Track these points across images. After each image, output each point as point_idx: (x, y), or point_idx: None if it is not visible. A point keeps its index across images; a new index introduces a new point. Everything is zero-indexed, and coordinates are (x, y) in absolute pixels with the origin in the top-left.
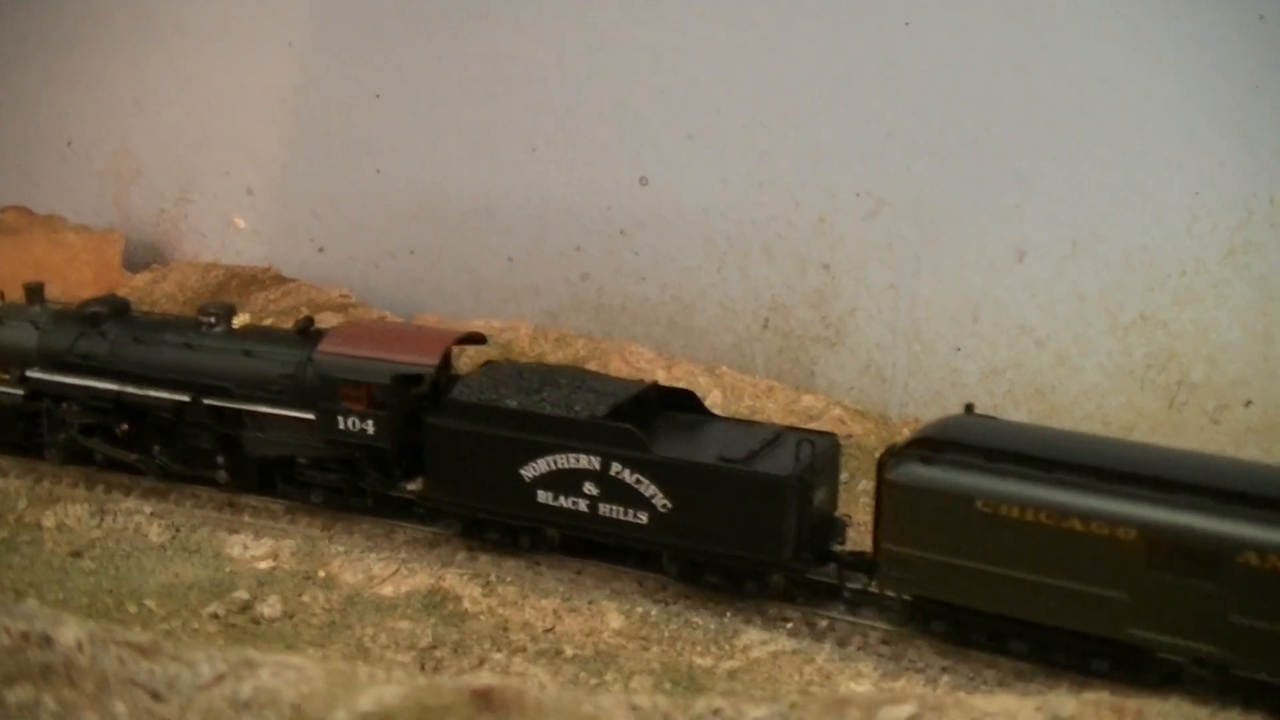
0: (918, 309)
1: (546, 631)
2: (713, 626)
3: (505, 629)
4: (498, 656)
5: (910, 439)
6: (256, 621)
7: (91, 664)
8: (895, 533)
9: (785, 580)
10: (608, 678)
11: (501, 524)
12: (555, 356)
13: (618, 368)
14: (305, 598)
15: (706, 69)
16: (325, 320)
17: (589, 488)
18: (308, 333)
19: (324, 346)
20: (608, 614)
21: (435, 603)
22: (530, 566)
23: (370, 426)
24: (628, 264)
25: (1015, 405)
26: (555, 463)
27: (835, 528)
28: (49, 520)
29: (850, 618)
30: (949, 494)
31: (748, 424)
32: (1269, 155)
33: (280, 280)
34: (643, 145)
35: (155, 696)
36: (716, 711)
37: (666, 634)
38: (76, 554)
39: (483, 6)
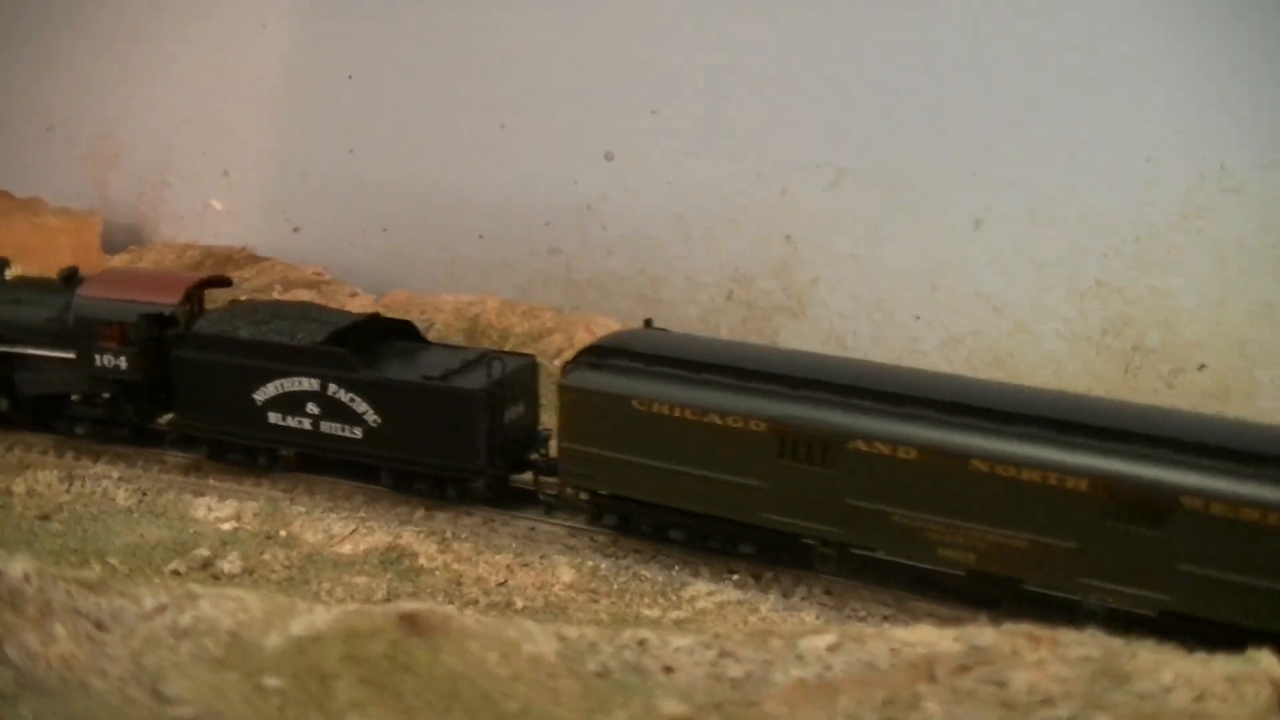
0: (878, 278)
1: (499, 585)
2: (660, 579)
3: (459, 583)
4: (450, 609)
5: (584, 347)
6: (216, 577)
7: (38, 594)
8: (570, 433)
9: (485, 486)
10: None
11: (242, 446)
12: (522, 329)
13: (582, 340)
14: (265, 555)
15: (670, 45)
16: (297, 297)
17: (311, 407)
18: (70, 280)
19: (81, 291)
20: (559, 568)
21: (392, 559)
22: (486, 523)
23: (123, 363)
24: (595, 238)
25: (974, 372)
26: (282, 386)
27: (535, 439)
28: (19, 487)
29: (553, 520)
30: (610, 395)
31: (457, 349)
32: (1220, 120)
33: (255, 259)
34: (608, 121)
35: (99, 626)
36: (642, 642)
37: (615, 587)
38: (45, 517)
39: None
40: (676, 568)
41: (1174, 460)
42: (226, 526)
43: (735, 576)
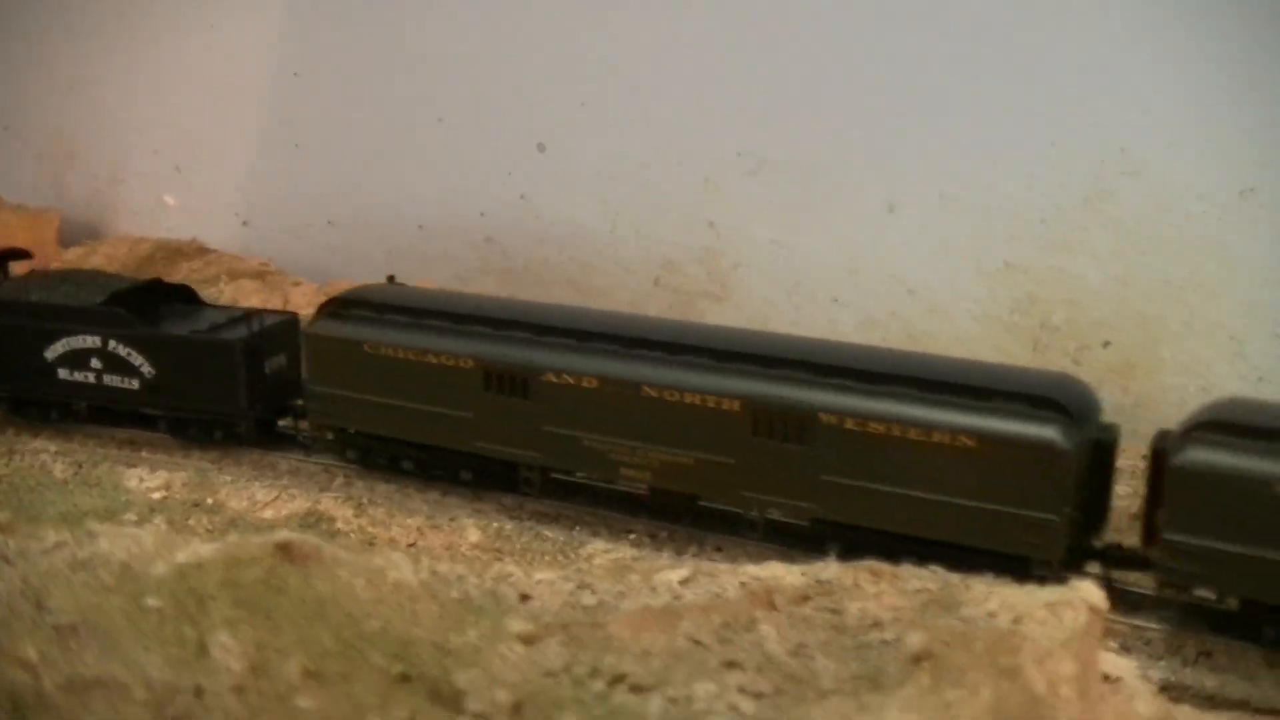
0: (798, 262)
1: (409, 546)
2: (561, 539)
3: (372, 544)
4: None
5: (327, 299)
6: None
7: None
8: (315, 377)
9: (248, 429)
10: None
11: (39, 401)
12: None
13: None
14: (191, 521)
15: (598, 39)
16: (242, 287)
17: (95, 362)
18: None
19: None
20: (467, 529)
21: (311, 523)
22: (400, 490)
23: None
24: (529, 227)
25: None
26: (69, 344)
27: (296, 387)
28: None
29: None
30: (346, 341)
31: (227, 309)
32: (1120, 104)
33: (204, 251)
34: (540, 114)
35: (5, 560)
36: (507, 575)
37: (519, 546)
38: None
39: None
40: (577, 528)
41: (812, 382)
42: (156, 495)
43: (632, 535)
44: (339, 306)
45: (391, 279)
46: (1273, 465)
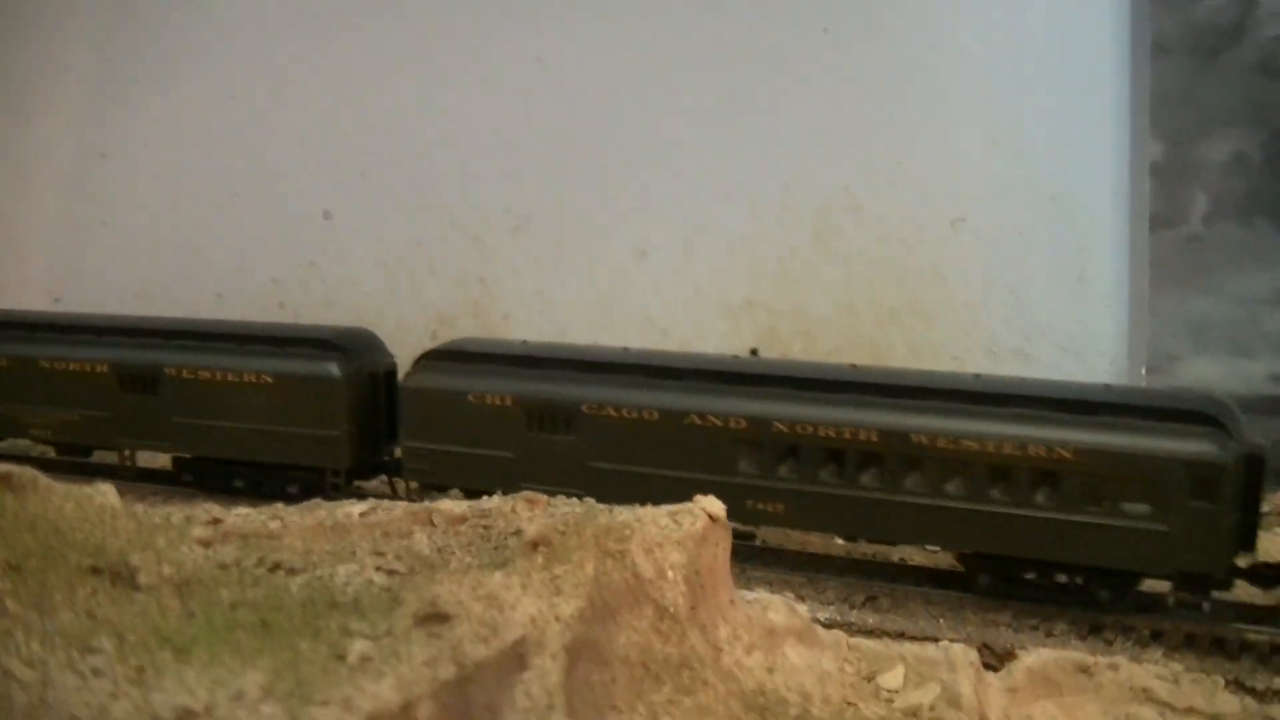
0: (560, 310)
1: None
2: None
3: None
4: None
5: None
6: None
7: None
8: None
9: None
10: None
11: None
12: None
13: None
14: None
15: (375, 111)
16: None
17: None
18: None
19: None
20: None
21: None
22: None
23: None
24: (317, 292)
25: None
26: None
27: None
28: None
29: None
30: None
31: None
32: (840, 150)
33: None
34: (326, 183)
35: None
36: (207, 508)
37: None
38: None
39: (182, 71)
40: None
41: (160, 345)
42: None
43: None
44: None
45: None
46: (467, 382)
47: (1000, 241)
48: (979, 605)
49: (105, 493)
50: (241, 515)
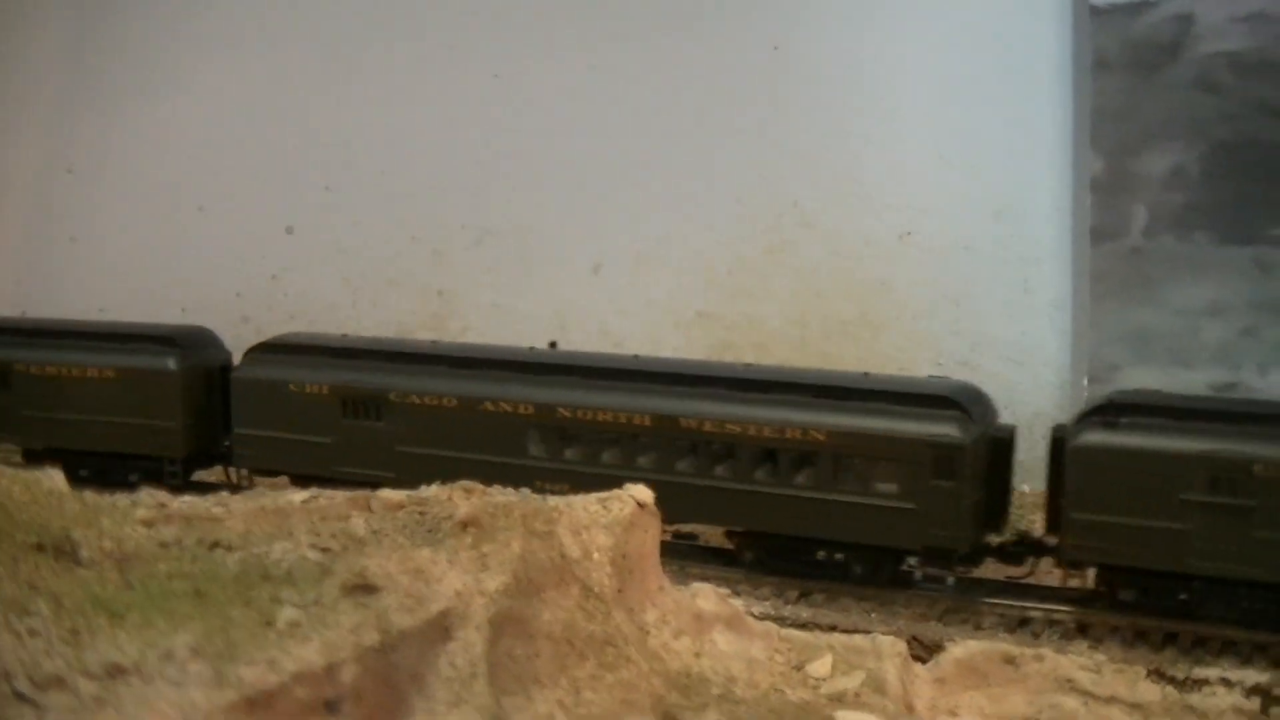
0: (518, 322)
1: None
2: None
3: None
4: None
5: None
6: None
7: None
8: None
9: None
10: None
11: None
12: None
13: None
14: None
15: (338, 126)
16: None
17: None
18: None
19: None
20: None
21: None
22: None
23: None
24: (280, 305)
25: None
26: None
27: None
28: None
29: None
30: None
31: None
32: (791, 164)
33: None
34: (289, 198)
35: None
36: (154, 492)
37: None
38: None
39: (148, 87)
40: None
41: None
42: None
43: None
44: None
45: None
46: (288, 373)
47: (947, 254)
48: (911, 600)
49: (53, 477)
50: (187, 501)
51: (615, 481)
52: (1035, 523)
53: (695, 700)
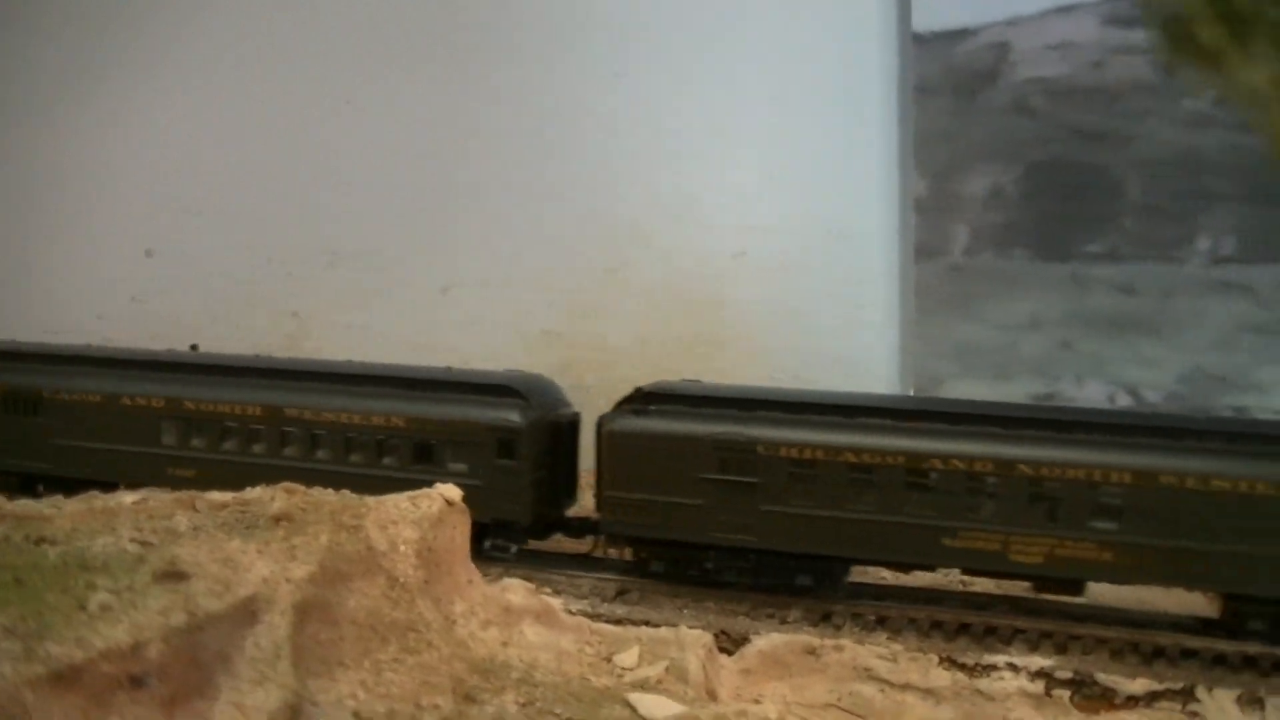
0: (370, 342)
1: None
2: None
3: None
4: None
5: None
6: None
7: None
8: None
9: None
10: None
11: None
12: None
13: None
14: None
15: (196, 149)
16: None
17: None
18: None
19: None
20: None
21: None
22: None
23: None
24: (141, 327)
25: None
26: None
27: None
28: None
29: None
30: None
31: None
32: (630, 186)
33: None
34: (150, 221)
35: None
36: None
37: None
38: None
39: (12, 107)
40: None
41: None
42: None
43: None
44: None
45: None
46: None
47: (781, 273)
48: (720, 596)
49: None
50: (22, 504)
51: (232, 467)
52: None
53: (495, 683)
